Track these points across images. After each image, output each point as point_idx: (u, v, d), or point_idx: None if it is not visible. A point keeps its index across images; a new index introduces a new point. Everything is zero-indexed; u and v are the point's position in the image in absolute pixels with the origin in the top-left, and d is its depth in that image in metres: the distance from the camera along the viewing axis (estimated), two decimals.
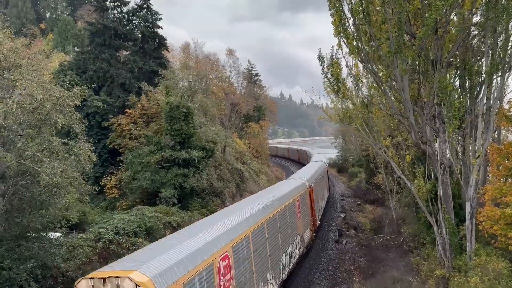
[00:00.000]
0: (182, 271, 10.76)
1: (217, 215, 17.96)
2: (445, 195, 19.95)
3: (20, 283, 16.86)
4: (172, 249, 11.67)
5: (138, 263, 10.45)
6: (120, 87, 41.21)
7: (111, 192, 36.85)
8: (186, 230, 15.61)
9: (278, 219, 20.32)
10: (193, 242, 12.53)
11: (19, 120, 16.86)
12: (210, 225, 14.79)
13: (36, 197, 17.90)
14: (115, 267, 10.48)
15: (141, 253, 12.39)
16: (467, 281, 16.39)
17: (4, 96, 17.52)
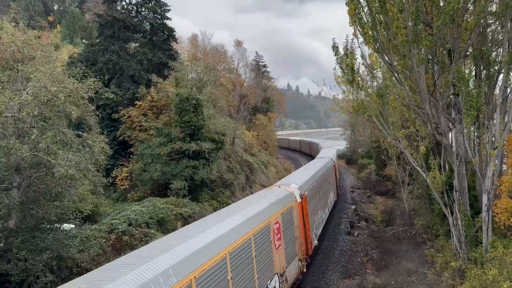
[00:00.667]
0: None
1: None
2: (461, 186, 19.72)
3: (37, 274, 16.97)
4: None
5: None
6: (129, 79, 41.16)
7: (122, 183, 36.99)
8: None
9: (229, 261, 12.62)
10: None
11: (34, 112, 16.85)
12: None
13: (51, 189, 17.95)
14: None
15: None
16: (484, 273, 16.23)
17: (18, 88, 17.52)
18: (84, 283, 9.09)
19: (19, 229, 17.66)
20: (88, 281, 9.14)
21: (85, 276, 9.90)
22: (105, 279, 8.90)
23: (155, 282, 9.14)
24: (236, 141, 48.33)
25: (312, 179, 27.14)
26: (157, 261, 9.90)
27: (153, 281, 9.12)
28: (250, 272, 14.02)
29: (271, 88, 78.05)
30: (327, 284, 21.77)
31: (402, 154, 32.08)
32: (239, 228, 13.92)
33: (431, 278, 18.87)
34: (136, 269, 9.34)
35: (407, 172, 32.57)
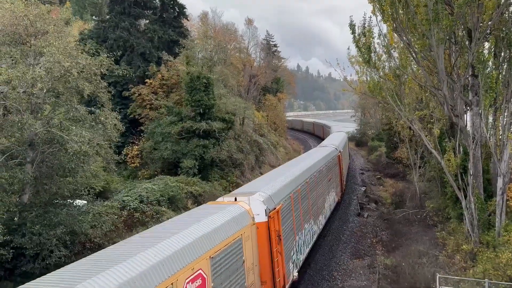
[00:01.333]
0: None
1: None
2: (476, 169, 19.46)
3: (51, 248, 17.20)
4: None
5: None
6: (140, 56, 40.89)
7: (132, 161, 37.18)
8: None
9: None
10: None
11: (47, 87, 16.81)
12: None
13: (64, 165, 18.03)
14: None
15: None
16: (497, 257, 16.13)
17: (31, 63, 17.44)
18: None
19: (33, 204, 17.86)
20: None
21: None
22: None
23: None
24: (246, 121, 48.16)
25: (295, 183, 19.90)
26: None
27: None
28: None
29: (281, 68, 77.26)
30: (337, 264, 21.86)
31: (415, 137, 31.83)
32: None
33: (442, 260, 18.85)
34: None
35: (419, 155, 32.27)
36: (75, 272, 8.69)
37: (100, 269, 8.46)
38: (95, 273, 8.28)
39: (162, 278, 9.09)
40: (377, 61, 19.49)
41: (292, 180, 19.52)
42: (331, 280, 20.07)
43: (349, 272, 21.12)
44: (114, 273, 8.33)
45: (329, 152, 31.48)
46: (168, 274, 9.30)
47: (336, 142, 38.46)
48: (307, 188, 21.51)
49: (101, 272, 8.26)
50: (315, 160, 26.13)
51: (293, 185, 19.22)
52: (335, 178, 31.25)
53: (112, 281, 8.07)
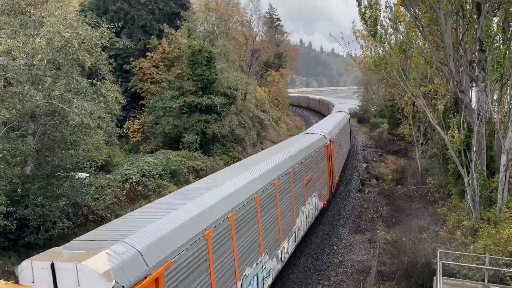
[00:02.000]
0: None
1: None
2: (479, 146, 19.35)
3: (54, 220, 17.33)
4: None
5: None
6: (140, 29, 40.27)
7: (134, 135, 37.12)
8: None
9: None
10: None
11: (48, 57, 16.56)
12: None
13: (66, 137, 17.99)
14: None
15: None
16: (498, 232, 16.20)
17: (31, 33, 17.13)
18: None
19: (35, 176, 17.88)
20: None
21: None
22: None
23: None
24: (248, 97, 47.83)
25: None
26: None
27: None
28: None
29: (284, 43, 76.21)
30: (338, 239, 22.04)
31: (418, 113, 31.62)
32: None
33: (443, 235, 18.94)
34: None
35: (421, 132, 32.13)
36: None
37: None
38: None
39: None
40: (383, 34, 19.09)
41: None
42: (332, 253, 20.28)
43: (350, 246, 21.33)
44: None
45: (311, 143, 23.38)
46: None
47: (328, 126, 31.15)
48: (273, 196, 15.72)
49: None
50: (279, 161, 17.62)
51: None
52: (321, 175, 24.47)
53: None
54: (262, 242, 14.19)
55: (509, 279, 14.69)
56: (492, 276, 14.76)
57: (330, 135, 27.70)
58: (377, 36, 18.76)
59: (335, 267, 18.95)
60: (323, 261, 19.40)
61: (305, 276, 17.92)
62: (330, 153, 26.85)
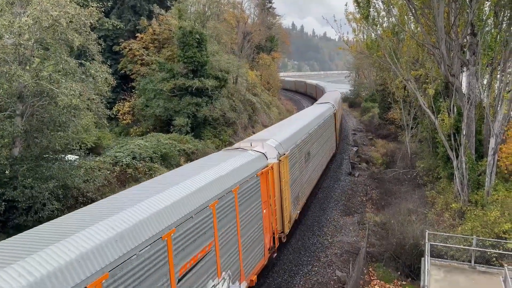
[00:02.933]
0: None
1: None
2: (469, 130, 19.55)
3: (43, 201, 17.21)
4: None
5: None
6: (130, 9, 39.59)
7: (124, 118, 36.82)
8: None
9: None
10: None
11: (35, 37, 16.21)
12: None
13: (55, 118, 17.74)
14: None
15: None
16: (485, 215, 16.49)
17: (18, 12, 16.72)
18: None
19: (24, 157, 17.67)
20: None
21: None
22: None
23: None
24: (239, 80, 47.53)
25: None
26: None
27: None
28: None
29: (276, 26, 75.52)
30: (327, 221, 22.26)
31: (408, 97, 31.76)
32: None
33: (431, 218, 19.24)
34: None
35: (411, 116, 32.33)
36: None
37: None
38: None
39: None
40: (376, 17, 18.99)
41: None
42: (322, 235, 20.49)
43: (339, 228, 21.56)
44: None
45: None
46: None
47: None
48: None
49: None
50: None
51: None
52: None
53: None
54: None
55: (495, 260, 15.03)
56: (478, 257, 15.08)
57: (283, 148, 17.53)
58: (370, 18, 18.66)
59: (325, 248, 19.17)
60: (313, 243, 19.61)
61: (295, 257, 18.11)
62: (272, 182, 16.10)
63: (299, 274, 16.83)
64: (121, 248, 7.73)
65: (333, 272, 17.12)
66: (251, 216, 13.93)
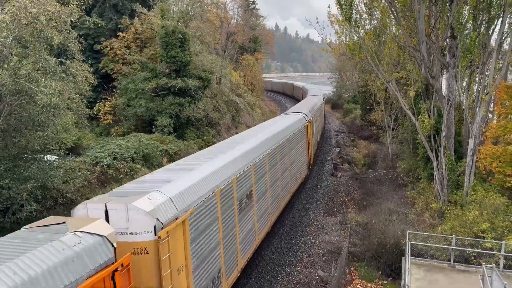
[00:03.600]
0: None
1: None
2: (448, 131, 19.89)
3: (21, 202, 16.86)
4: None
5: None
6: (112, 8, 39.10)
7: (105, 118, 36.31)
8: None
9: None
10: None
11: (13, 34, 15.85)
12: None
13: (34, 117, 17.35)
14: None
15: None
16: (464, 214, 16.79)
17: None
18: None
19: (1, 157, 17.26)
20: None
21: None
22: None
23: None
24: (223, 81, 47.37)
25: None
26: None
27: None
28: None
29: (259, 27, 75.60)
30: (310, 221, 22.35)
31: (390, 99, 32.16)
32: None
33: (411, 217, 19.50)
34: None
35: (392, 117, 32.75)
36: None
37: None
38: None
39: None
40: (358, 19, 19.18)
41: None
42: (304, 235, 20.57)
43: (322, 228, 21.68)
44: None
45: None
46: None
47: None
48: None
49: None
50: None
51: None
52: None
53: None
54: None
55: (473, 259, 15.32)
56: (457, 256, 15.35)
57: (175, 208, 10.39)
58: (352, 21, 18.84)
59: (307, 248, 19.24)
60: (296, 243, 19.67)
61: (278, 257, 18.13)
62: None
63: (281, 274, 16.85)
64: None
65: (315, 272, 17.21)
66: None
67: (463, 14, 17.51)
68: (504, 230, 15.70)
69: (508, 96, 18.88)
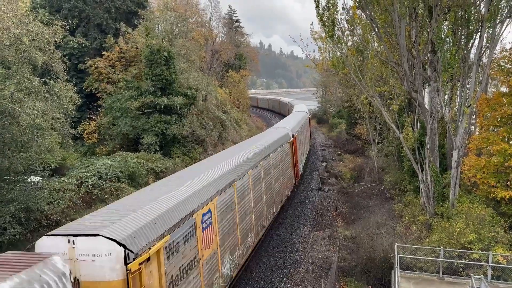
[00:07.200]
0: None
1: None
2: (432, 144, 20.16)
3: (4, 225, 16.48)
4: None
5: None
6: (96, 28, 39.08)
7: (89, 137, 35.96)
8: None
9: None
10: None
11: None
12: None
13: (17, 138, 17.09)
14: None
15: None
16: (451, 226, 16.92)
17: None
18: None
19: None
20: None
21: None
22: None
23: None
24: (209, 98, 47.51)
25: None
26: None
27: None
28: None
29: (244, 44, 76.32)
30: (299, 237, 22.26)
31: (374, 113, 32.58)
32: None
33: (399, 230, 19.58)
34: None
35: (377, 131, 33.14)
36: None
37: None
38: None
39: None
40: (341, 36, 19.52)
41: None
42: (293, 251, 20.45)
43: (311, 244, 21.60)
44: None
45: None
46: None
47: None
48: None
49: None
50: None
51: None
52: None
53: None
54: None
55: (462, 270, 15.39)
56: (446, 268, 15.40)
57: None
58: (335, 37, 19.15)
59: (296, 264, 19.12)
60: (285, 259, 19.53)
61: (267, 274, 17.95)
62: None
63: None
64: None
65: None
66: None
67: (443, 29, 17.94)
68: (490, 240, 15.85)
69: (489, 108, 19.27)
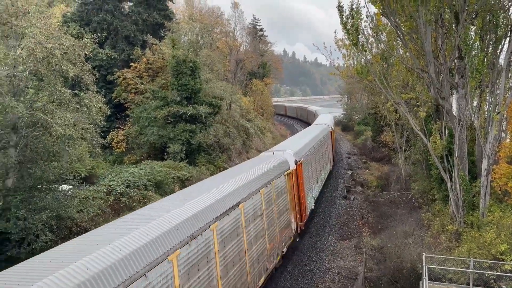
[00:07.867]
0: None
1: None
2: (461, 151, 19.71)
3: (36, 233, 17.00)
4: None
5: None
6: (124, 40, 40.18)
7: (118, 146, 36.79)
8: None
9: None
10: None
11: (29, 68, 16.39)
12: None
13: (49, 149, 17.74)
14: None
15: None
16: (482, 236, 16.46)
17: (13, 44, 16.94)
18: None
19: (17, 188, 17.54)
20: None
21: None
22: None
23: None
24: (233, 106, 47.91)
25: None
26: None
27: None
28: None
29: (268, 53, 76.78)
30: (324, 246, 22.09)
31: (400, 120, 32.11)
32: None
33: (427, 240, 19.16)
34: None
35: (404, 138, 32.61)
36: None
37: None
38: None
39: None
40: (365, 43, 19.42)
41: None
42: (319, 261, 20.29)
43: (336, 253, 21.38)
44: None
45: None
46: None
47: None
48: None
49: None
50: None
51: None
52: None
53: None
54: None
55: (493, 282, 14.91)
56: (476, 280, 14.95)
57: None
58: (359, 45, 19.07)
59: (322, 274, 18.95)
60: (311, 269, 19.40)
61: (292, 284, 17.87)
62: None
63: None
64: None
65: None
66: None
67: (470, 35, 17.60)
68: None
69: None
